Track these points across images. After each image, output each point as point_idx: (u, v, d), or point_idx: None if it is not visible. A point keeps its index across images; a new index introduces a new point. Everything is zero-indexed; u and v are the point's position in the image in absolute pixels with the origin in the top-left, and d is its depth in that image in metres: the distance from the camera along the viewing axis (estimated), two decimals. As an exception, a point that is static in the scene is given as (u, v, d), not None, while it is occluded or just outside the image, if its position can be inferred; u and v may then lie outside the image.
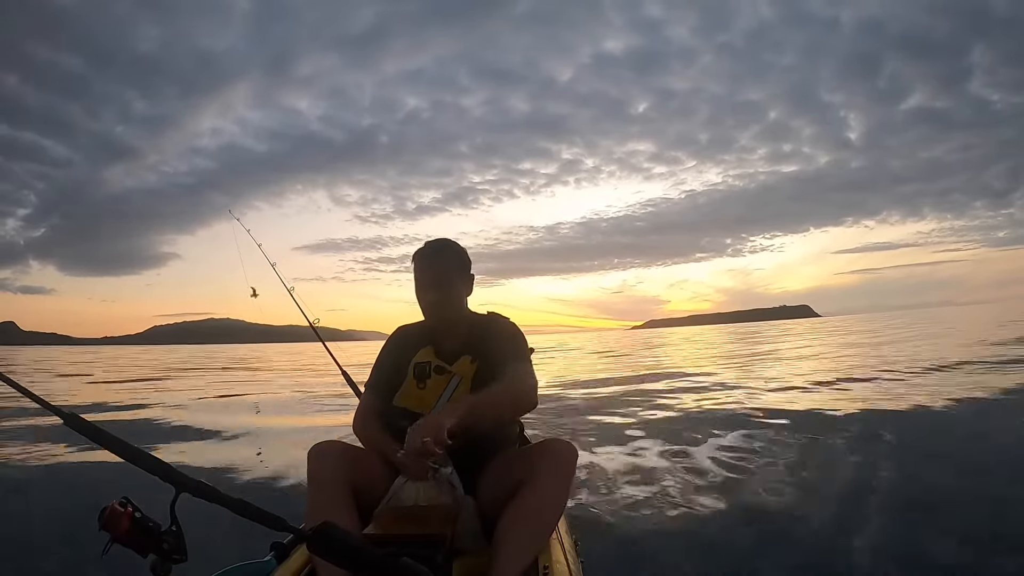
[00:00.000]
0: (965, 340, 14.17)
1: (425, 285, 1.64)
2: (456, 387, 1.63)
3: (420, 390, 1.64)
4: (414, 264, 1.68)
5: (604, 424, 5.44)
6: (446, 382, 1.64)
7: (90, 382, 14.02)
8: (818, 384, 7.60)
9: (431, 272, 1.64)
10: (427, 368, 1.65)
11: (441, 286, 1.63)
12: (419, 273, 1.66)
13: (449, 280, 1.65)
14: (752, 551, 2.30)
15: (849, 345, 13.88)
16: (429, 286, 1.63)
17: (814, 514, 2.66)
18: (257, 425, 6.43)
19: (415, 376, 1.65)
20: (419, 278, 1.65)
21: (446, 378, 1.64)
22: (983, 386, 6.38)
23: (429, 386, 1.64)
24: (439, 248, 1.69)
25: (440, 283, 1.63)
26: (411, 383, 1.65)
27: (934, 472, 3.25)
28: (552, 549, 1.40)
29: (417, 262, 1.67)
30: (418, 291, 1.66)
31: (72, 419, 0.90)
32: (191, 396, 9.89)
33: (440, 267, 1.65)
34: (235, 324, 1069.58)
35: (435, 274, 1.64)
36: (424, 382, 1.64)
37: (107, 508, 0.90)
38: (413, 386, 1.65)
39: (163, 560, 0.91)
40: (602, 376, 11.27)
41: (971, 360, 9.44)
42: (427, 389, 1.64)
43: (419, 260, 1.67)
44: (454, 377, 1.64)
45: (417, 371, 1.65)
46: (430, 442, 1.25)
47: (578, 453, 1.51)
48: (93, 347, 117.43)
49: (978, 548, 2.20)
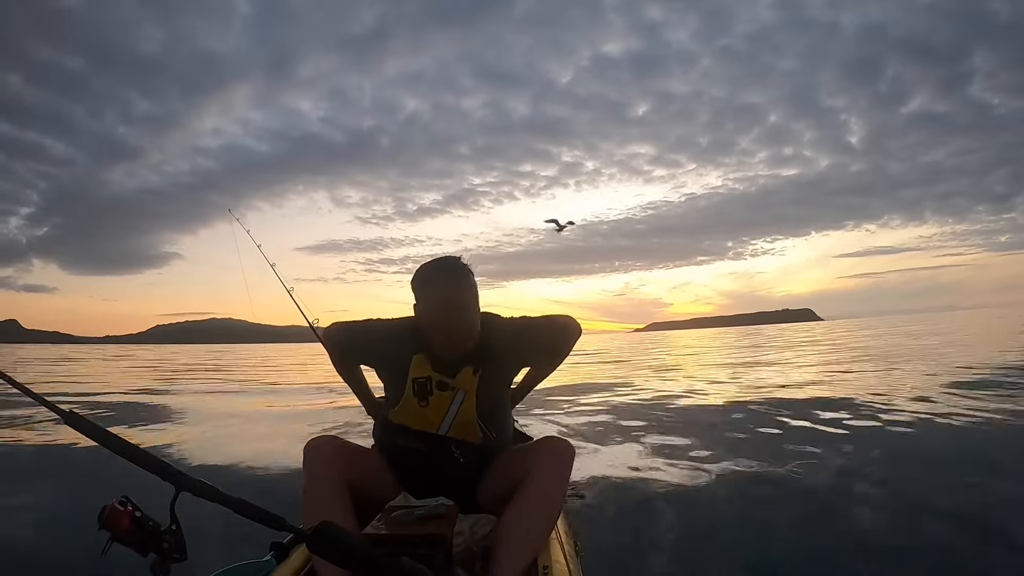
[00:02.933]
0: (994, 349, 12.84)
1: (452, 309, 1.50)
2: (461, 403, 1.57)
3: (423, 408, 1.57)
4: (432, 285, 1.53)
5: (603, 423, 5.44)
6: (450, 399, 1.57)
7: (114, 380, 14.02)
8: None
9: (463, 297, 1.53)
10: (428, 384, 1.56)
11: (469, 307, 1.53)
12: (446, 299, 1.50)
13: (475, 300, 1.56)
14: (753, 550, 2.30)
15: (888, 359, 11.38)
16: (458, 308, 1.51)
17: (822, 523, 2.66)
18: (256, 424, 6.43)
19: (415, 394, 1.57)
20: (447, 304, 1.50)
21: (450, 395, 1.57)
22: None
23: (432, 404, 1.57)
24: (463, 271, 1.56)
25: (468, 305, 1.53)
26: (410, 401, 1.58)
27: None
28: (552, 549, 1.40)
29: (442, 283, 1.52)
30: (439, 314, 1.51)
31: (72, 417, 0.90)
32: (190, 393, 9.89)
33: (468, 289, 1.55)
34: (237, 324, 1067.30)
35: (466, 298, 1.53)
36: (426, 399, 1.57)
37: (107, 507, 0.90)
38: (414, 404, 1.58)
39: (163, 559, 0.91)
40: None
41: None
42: (430, 407, 1.57)
43: (445, 282, 1.52)
44: (458, 392, 1.57)
45: (417, 388, 1.57)
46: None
47: (575, 451, 1.51)
48: (98, 346, 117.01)
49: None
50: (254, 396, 9.89)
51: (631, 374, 11.68)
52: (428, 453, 1.61)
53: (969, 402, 5.48)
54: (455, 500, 1.38)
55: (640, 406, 6.54)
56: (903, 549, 2.25)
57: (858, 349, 15.79)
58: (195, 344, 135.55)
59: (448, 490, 1.45)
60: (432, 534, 1.21)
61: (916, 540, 2.32)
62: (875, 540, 2.35)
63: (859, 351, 14.77)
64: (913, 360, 10.75)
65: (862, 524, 2.53)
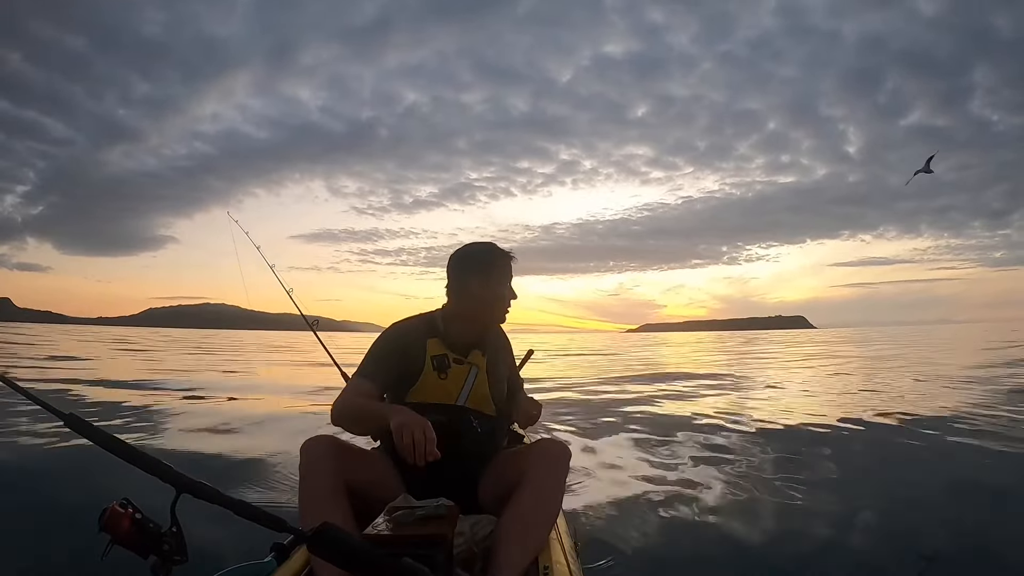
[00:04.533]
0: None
1: (507, 283, 1.74)
2: (476, 376, 1.69)
3: (442, 380, 1.67)
4: (501, 261, 1.73)
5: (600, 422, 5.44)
6: (466, 372, 1.69)
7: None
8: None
9: (510, 273, 1.75)
10: (446, 359, 1.68)
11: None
12: (506, 271, 1.73)
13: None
14: (753, 551, 2.30)
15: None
16: (509, 285, 1.74)
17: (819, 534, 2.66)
18: (256, 424, 6.41)
19: (435, 368, 1.67)
20: (505, 276, 1.73)
21: (465, 368, 1.69)
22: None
23: (451, 376, 1.68)
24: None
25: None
26: (430, 375, 1.67)
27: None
28: (552, 549, 1.40)
29: (507, 260, 1.74)
30: (497, 288, 1.71)
31: (72, 419, 0.90)
32: (185, 387, 9.87)
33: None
34: (230, 310, 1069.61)
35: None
36: (445, 372, 1.67)
37: (107, 509, 0.90)
38: (434, 377, 1.67)
39: (164, 561, 0.91)
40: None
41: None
42: (449, 379, 1.67)
43: (509, 259, 1.74)
44: (472, 368, 1.70)
45: (436, 362, 1.68)
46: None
47: (571, 453, 1.53)
48: (90, 327, 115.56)
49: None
50: (252, 392, 9.87)
51: (629, 374, 11.68)
52: (447, 425, 1.59)
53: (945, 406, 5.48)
54: (455, 501, 1.37)
55: (640, 406, 6.54)
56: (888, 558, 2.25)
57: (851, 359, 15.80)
58: (188, 328, 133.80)
59: (449, 491, 1.44)
60: (433, 535, 1.21)
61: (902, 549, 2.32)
62: (863, 551, 2.36)
63: (849, 360, 14.77)
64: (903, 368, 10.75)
65: (858, 531, 2.54)
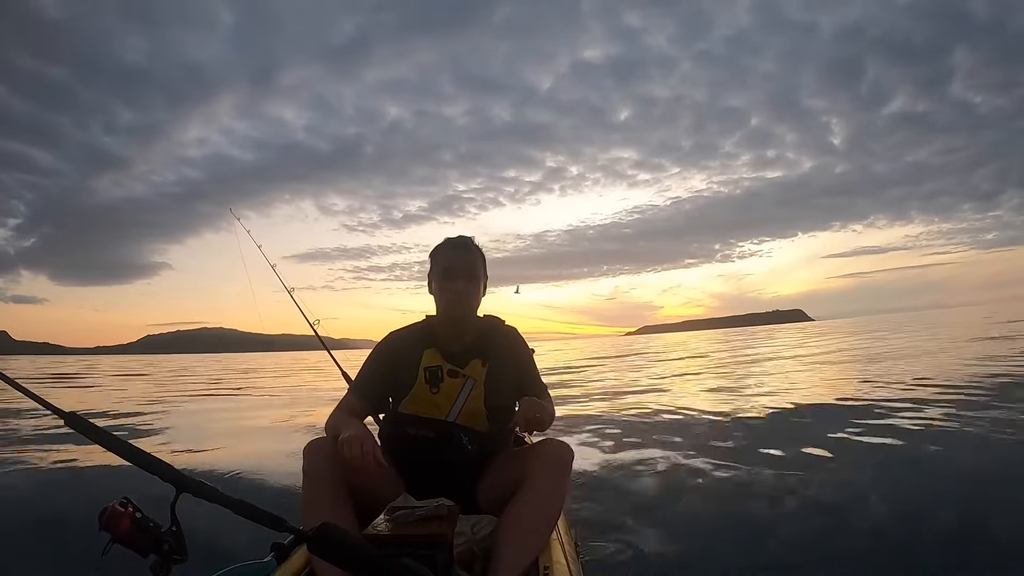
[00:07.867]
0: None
1: (454, 275, 1.62)
2: (471, 391, 1.61)
3: (433, 394, 1.61)
4: (441, 254, 1.66)
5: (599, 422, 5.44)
6: (460, 385, 1.62)
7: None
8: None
9: (462, 263, 1.64)
10: (439, 372, 1.62)
11: (470, 278, 1.64)
12: (448, 262, 1.63)
13: (477, 274, 1.66)
14: (753, 551, 2.30)
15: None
16: (459, 276, 1.62)
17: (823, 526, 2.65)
18: (255, 424, 6.44)
19: (427, 380, 1.61)
20: (447, 267, 1.63)
21: (460, 381, 1.62)
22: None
23: (443, 390, 1.61)
24: (469, 243, 1.69)
25: (470, 275, 1.64)
26: (422, 387, 1.61)
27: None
28: (552, 549, 1.40)
29: (446, 252, 1.66)
30: (443, 281, 1.63)
31: (73, 419, 0.91)
32: (190, 398, 9.90)
33: (470, 260, 1.66)
34: (229, 333, 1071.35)
35: (466, 265, 1.64)
36: (437, 386, 1.61)
37: (107, 508, 0.90)
38: (425, 390, 1.61)
39: (163, 560, 0.91)
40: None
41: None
42: (441, 393, 1.61)
43: (449, 250, 1.66)
44: (468, 380, 1.62)
45: (428, 375, 1.61)
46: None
47: (574, 453, 1.52)
48: (89, 356, 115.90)
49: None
50: (255, 400, 9.88)
51: (629, 376, 11.68)
52: (435, 441, 1.60)
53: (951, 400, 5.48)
54: (456, 501, 1.38)
55: (640, 408, 6.53)
56: (897, 548, 2.24)
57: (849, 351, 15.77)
58: (187, 354, 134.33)
59: (449, 491, 1.44)
60: (433, 535, 1.21)
61: (907, 534, 2.32)
62: (865, 540, 2.35)
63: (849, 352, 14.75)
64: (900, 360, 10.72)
65: (861, 525, 2.53)
